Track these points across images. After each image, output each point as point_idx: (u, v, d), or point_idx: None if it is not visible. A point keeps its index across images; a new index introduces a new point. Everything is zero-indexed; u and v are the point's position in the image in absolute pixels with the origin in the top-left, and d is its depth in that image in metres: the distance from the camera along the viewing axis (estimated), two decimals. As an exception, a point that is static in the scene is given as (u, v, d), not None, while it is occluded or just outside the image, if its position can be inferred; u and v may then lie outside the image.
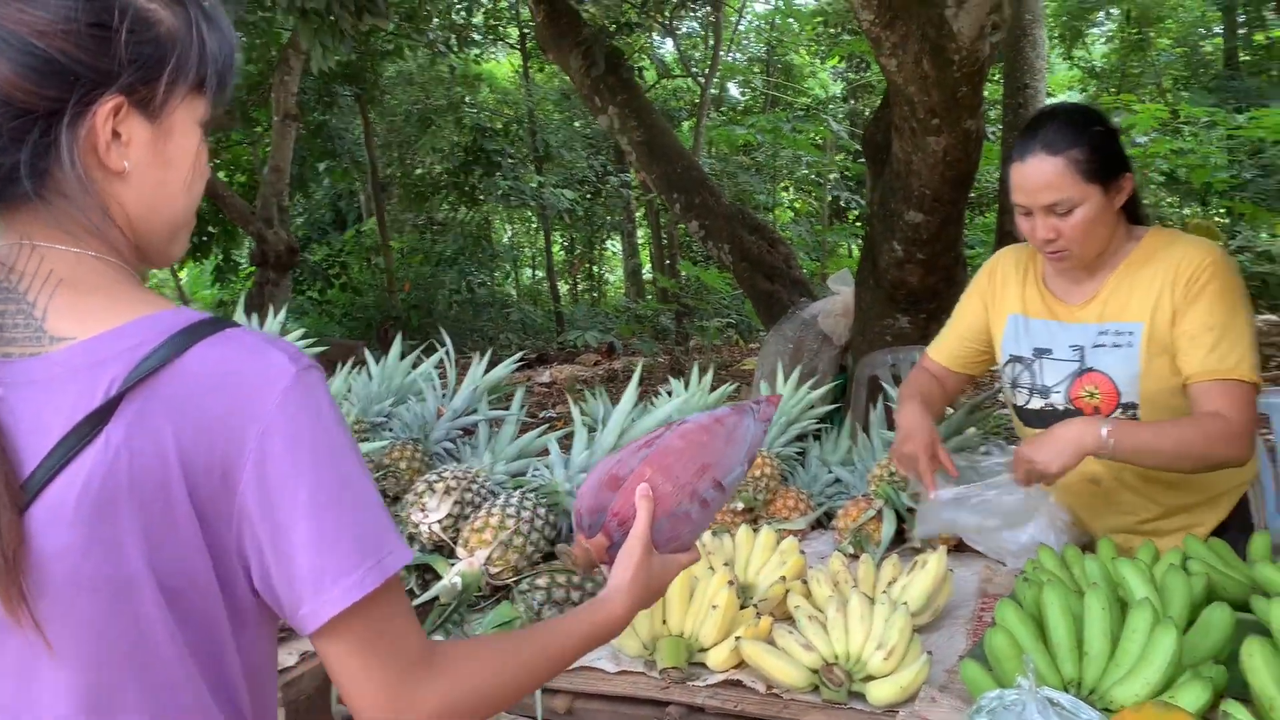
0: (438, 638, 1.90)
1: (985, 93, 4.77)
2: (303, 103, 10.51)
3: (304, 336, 2.73)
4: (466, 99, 13.30)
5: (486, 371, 2.57)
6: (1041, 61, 8.30)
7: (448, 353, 2.62)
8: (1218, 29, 15.39)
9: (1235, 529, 2.00)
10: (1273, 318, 10.74)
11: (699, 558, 1.29)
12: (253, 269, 10.18)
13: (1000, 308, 2.13)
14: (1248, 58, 14.98)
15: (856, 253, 5.55)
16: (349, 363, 2.78)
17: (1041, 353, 2.04)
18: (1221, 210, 12.49)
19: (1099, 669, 1.44)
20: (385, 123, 13.60)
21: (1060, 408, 2.01)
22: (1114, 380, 1.93)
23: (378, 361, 2.68)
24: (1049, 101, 9.70)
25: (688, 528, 1.24)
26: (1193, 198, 12.27)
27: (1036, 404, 2.04)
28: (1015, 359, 2.08)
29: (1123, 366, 1.92)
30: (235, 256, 13.23)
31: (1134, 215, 1.99)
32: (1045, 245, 1.90)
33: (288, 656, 1.84)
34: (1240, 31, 15.12)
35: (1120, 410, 1.94)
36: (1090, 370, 1.96)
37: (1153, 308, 1.89)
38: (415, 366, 2.70)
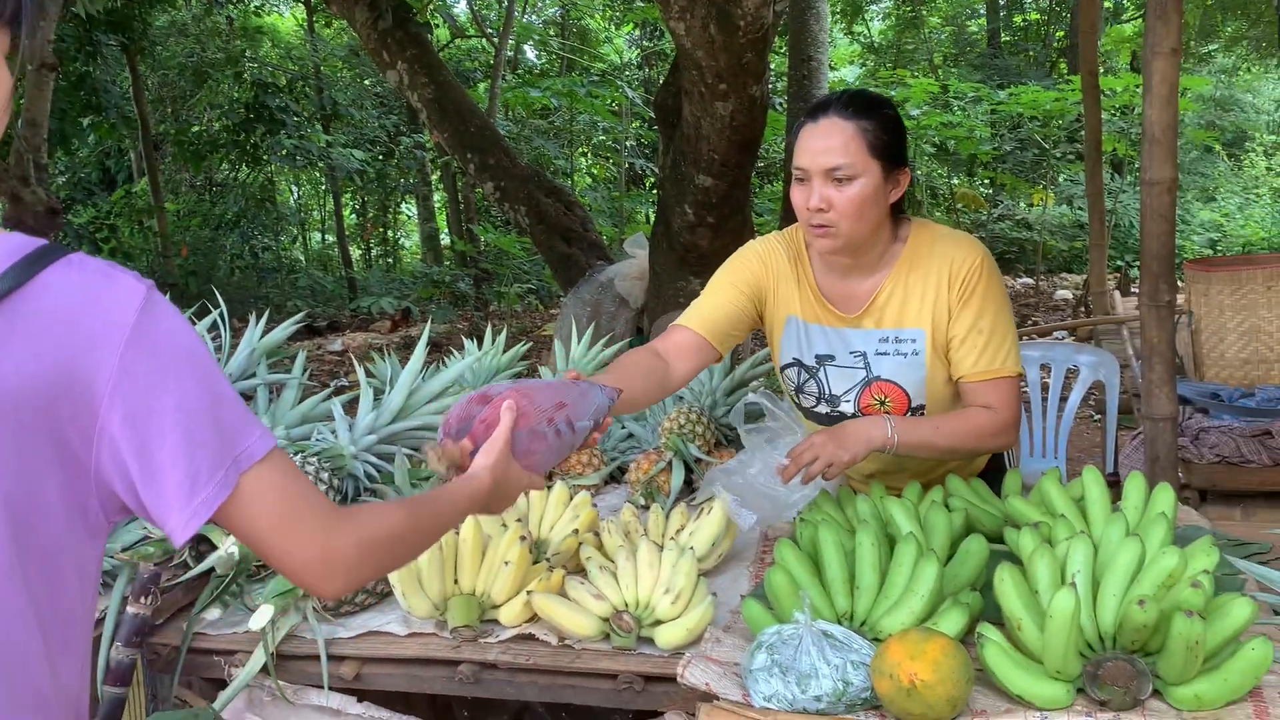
0: (214, 611, 1.82)
1: (771, 64, 4.92)
2: (61, 51, 9.64)
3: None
4: (247, 53, 12.58)
5: (265, 335, 2.44)
6: (824, 35, 8.63)
7: (222, 315, 2.47)
8: (982, 10, 16.50)
9: (993, 471, 2.16)
10: (1029, 281, 11.66)
11: (543, 488, 1.50)
12: (8, 231, 9.30)
13: (780, 305, 2.06)
14: (1008, 38, 16.13)
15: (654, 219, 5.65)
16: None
17: (824, 359, 2.02)
18: (985, 180, 13.44)
19: (869, 601, 1.52)
20: (157, 76, 12.68)
21: (849, 414, 2.02)
22: (903, 388, 1.96)
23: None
24: (831, 74, 10.12)
25: (542, 448, 1.42)
26: (960, 168, 13.13)
27: (824, 409, 2.06)
28: (798, 363, 2.05)
29: (910, 374, 1.95)
30: (-14, 219, 12.05)
31: (897, 209, 1.97)
32: (814, 216, 1.84)
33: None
34: (1001, 13, 16.26)
35: (910, 413, 1.98)
36: (878, 380, 1.97)
37: (932, 313, 1.92)
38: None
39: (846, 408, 2.02)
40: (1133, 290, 7.97)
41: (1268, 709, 1.27)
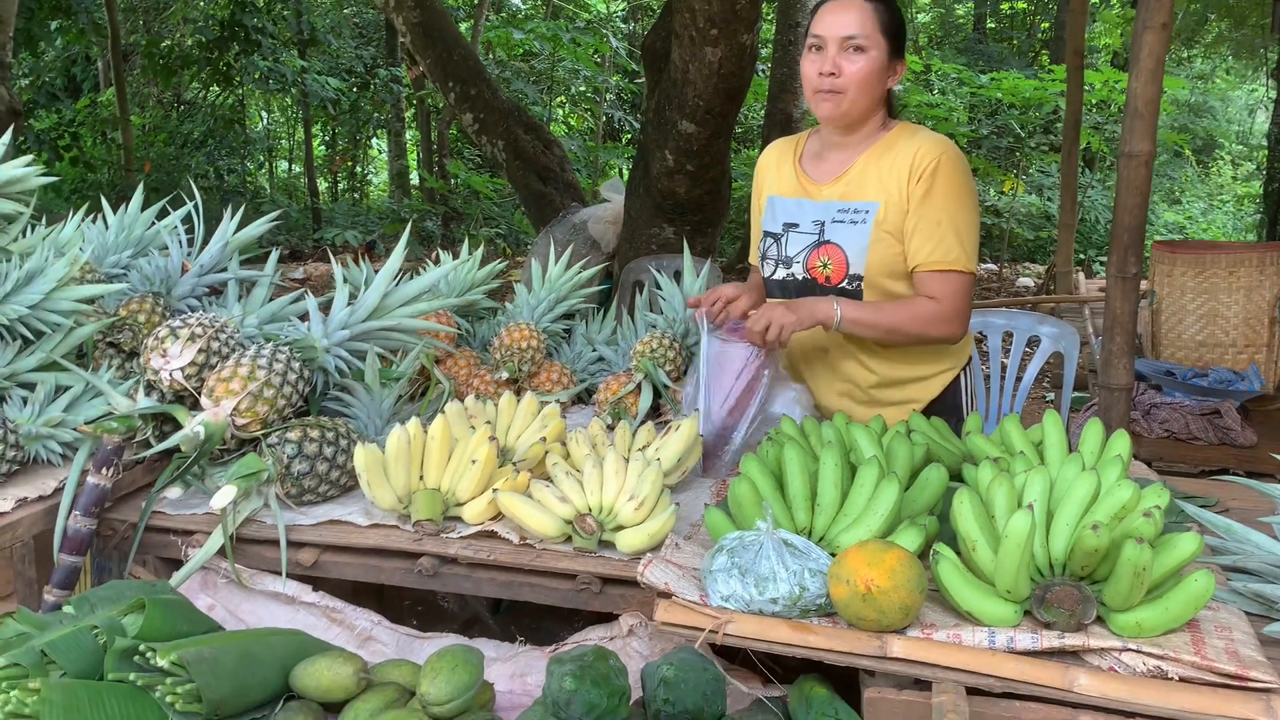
0: (174, 490, 1.81)
1: (764, 15, 4.89)
2: (30, -53, 9.35)
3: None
4: (226, -34, 12.26)
5: (239, 230, 2.41)
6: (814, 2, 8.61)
7: (196, 207, 2.44)
8: (971, -6, 16.50)
9: (947, 413, 2.20)
10: (992, 267, 11.78)
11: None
12: (-37, 127, 9.03)
13: (766, 190, 2.32)
14: (994, 25, 16.18)
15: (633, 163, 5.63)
16: (82, 211, 2.53)
17: (790, 227, 2.22)
18: (960, 163, 13.49)
19: (829, 518, 1.55)
20: (130, -18, 12.36)
21: (799, 278, 2.20)
22: (845, 252, 2.13)
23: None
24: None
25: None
26: (936, 149, 13.15)
27: (780, 274, 2.23)
28: (768, 234, 2.26)
29: (855, 240, 2.12)
30: (-58, 114, 11.68)
31: (891, 112, 2.20)
32: (824, 81, 2.05)
33: (2, 503, 1.70)
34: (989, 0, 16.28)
35: (847, 280, 2.13)
36: (827, 242, 2.14)
37: (887, 191, 2.09)
38: (160, 219, 2.50)
39: (796, 269, 2.20)
40: (1096, 273, 8.07)
41: (1204, 639, 1.32)
